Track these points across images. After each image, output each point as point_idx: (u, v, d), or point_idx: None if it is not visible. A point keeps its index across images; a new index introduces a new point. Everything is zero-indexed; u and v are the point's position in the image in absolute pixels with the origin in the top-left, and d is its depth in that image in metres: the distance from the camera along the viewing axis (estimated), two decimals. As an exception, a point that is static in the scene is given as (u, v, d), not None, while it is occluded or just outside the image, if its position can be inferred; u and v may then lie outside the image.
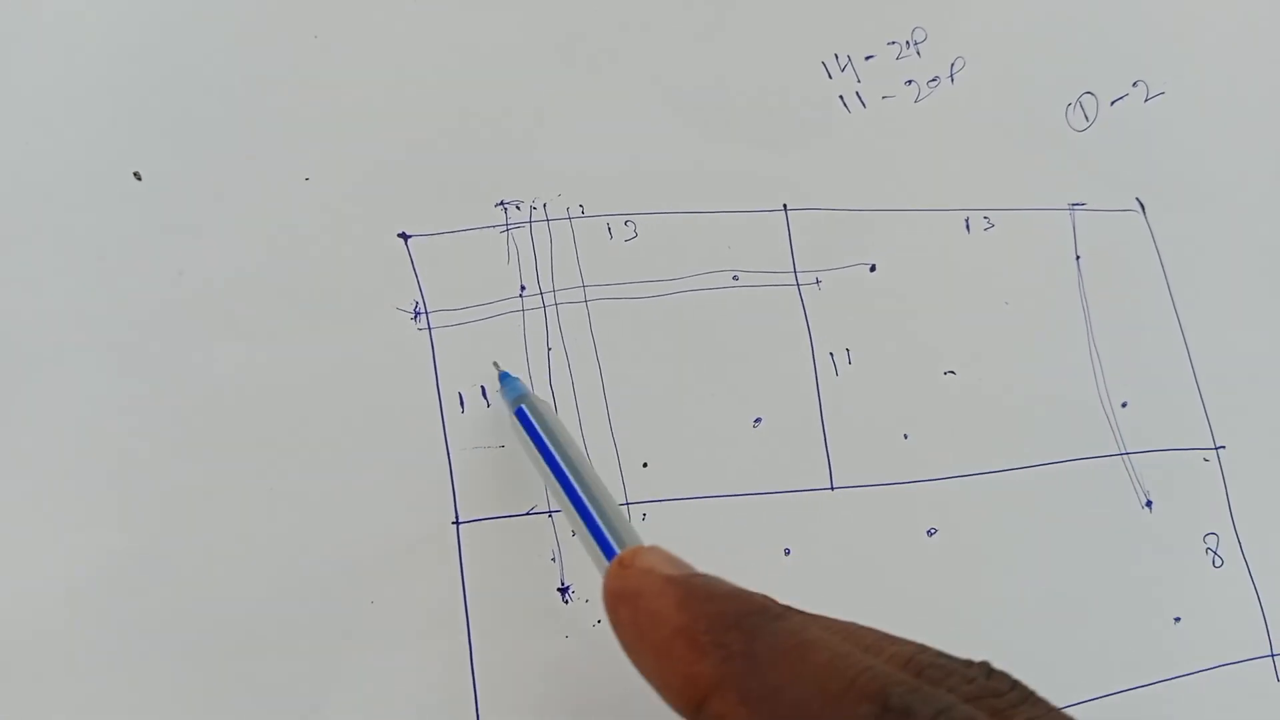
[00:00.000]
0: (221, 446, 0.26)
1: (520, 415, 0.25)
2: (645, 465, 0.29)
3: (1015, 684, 0.17)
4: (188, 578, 0.25)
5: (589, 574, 0.28)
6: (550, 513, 0.28)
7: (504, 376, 0.27)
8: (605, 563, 0.22)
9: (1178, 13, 0.38)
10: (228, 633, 0.25)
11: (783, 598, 0.29)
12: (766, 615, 0.18)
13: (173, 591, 0.25)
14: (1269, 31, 0.38)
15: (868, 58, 0.34)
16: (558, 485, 0.24)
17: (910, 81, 0.34)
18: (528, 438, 0.25)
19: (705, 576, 0.20)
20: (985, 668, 0.17)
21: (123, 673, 0.24)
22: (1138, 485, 0.33)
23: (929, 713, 0.16)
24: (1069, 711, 0.18)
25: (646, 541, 0.22)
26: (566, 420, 0.29)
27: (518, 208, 0.30)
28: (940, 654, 0.18)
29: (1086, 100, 0.36)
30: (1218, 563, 0.33)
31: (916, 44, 0.34)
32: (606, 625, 0.27)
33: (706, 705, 0.18)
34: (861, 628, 0.19)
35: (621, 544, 0.22)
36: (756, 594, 0.19)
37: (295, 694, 0.25)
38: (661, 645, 0.18)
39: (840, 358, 0.31)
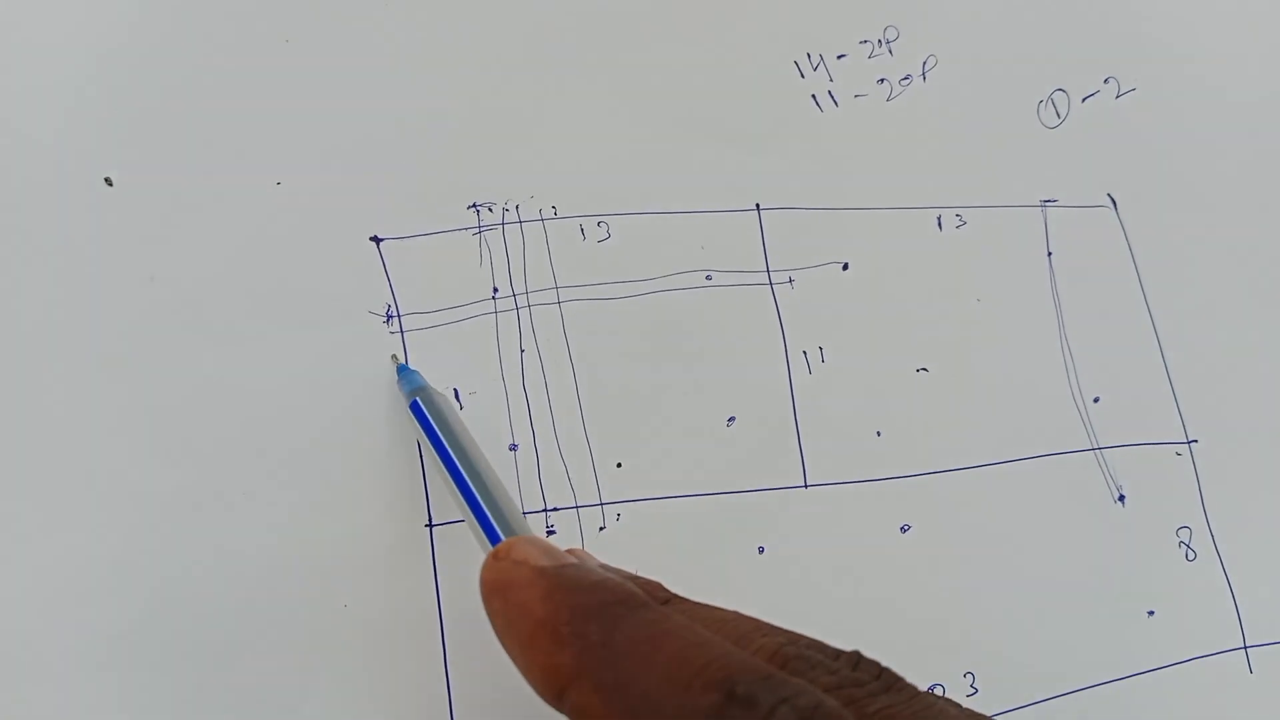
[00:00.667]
0: (194, 451, 0.26)
1: (414, 408, 0.25)
2: (619, 465, 0.29)
3: (882, 673, 0.17)
4: (161, 582, 0.25)
5: (563, 574, 0.28)
6: (524, 514, 0.28)
7: (402, 369, 0.27)
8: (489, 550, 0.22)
9: (1149, 10, 0.38)
10: (201, 637, 0.25)
11: (756, 595, 0.29)
12: (627, 605, 0.18)
13: (146, 596, 0.25)
14: (1239, 29, 0.39)
15: (840, 57, 0.34)
16: (447, 474, 0.24)
17: (882, 80, 0.34)
18: (420, 428, 0.25)
19: (576, 567, 0.20)
20: (854, 657, 0.18)
21: (97, 677, 0.24)
22: (1110, 480, 0.33)
23: (772, 701, 0.16)
24: (1047, 704, 0.18)
25: (534, 533, 0.22)
26: (539, 422, 0.29)
27: (490, 210, 0.30)
28: (812, 644, 0.18)
29: (1058, 97, 0.36)
30: (1190, 556, 0.34)
31: (888, 43, 0.35)
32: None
33: (565, 695, 0.18)
34: (742, 618, 0.19)
35: (508, 533, 0.22)
36: (625, 584, 0.19)
37: (270, 698, 0.25)
38: (526, 637, 0.19)
39: (813, 356, 0.31)
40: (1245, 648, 0.33)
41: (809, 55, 0.34)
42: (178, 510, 0.26)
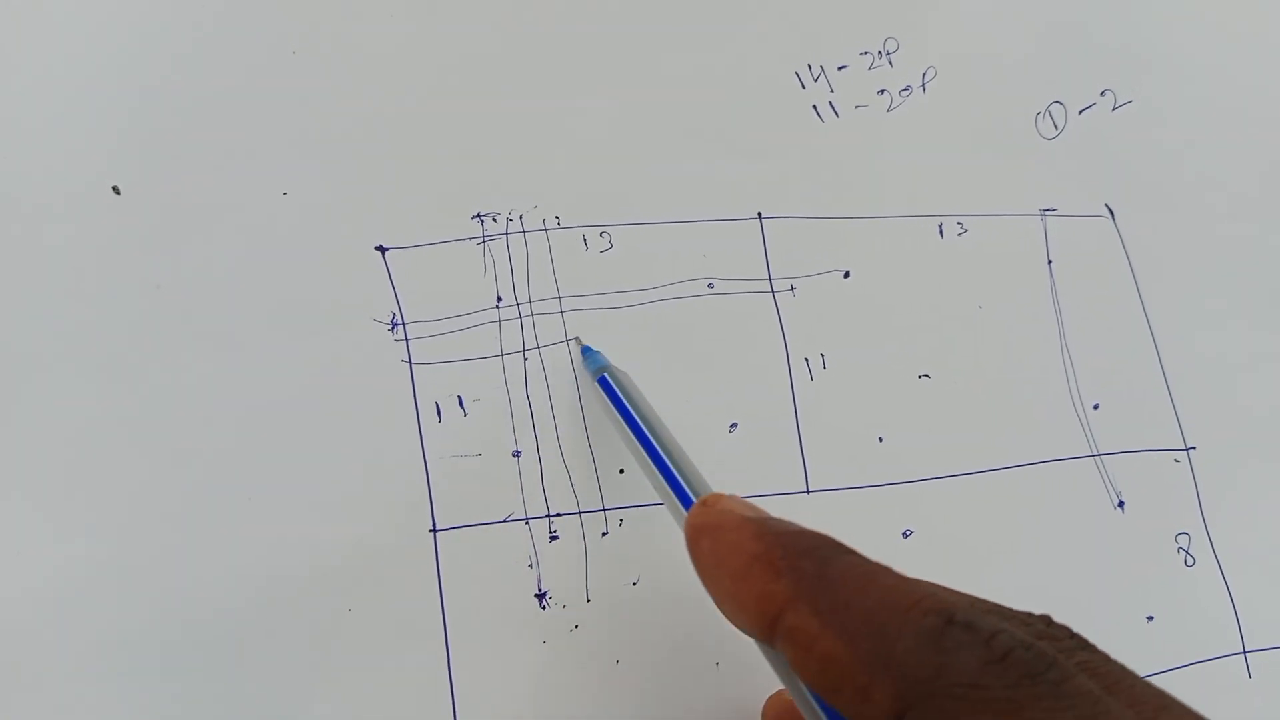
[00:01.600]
0: (199, 457, 0.26)
1: (603, 383, 0.27)
2: (621, 471, 0.29)
3: (1074, 634, 0.18)
4: (166, 587, 0.25)
5: (566, 580, 0.28)
6: (527, 519, 0.28)
7: (586, 350, 0.29)
8: (682, 510, 0.24)
9: (1144, 24, 0.38)
10: (206, 641, 0.25)
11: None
12: (835, 549, 0.20)
13: (151, 600, 0.25)
14: (1233, 42, 0.39)
15: (840, 68, 0.34)
16: (638, 444, 0.26)
17: (882, 91, 0.35)
18: (610, 403, 0.27)
19: (779, 519, 0.22)
20: (1046, 618, 0.18)
21: (101, 681, 0.25)
22: (1110, 486, 0.33)
23: (991, 628, 0.17)
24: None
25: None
26: (542, 429, 0.29)
27: (494, 219, 0.30)
28: (998, 604, 0.19)
29: (1055, 109, 0.36)
30: (1189, 562, 0.34)
31: (888, 54, 0.35)
32: (584, 630, 0.27)
33: (781, 619, 0.19)
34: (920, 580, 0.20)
35: (697, 493, 0.24)
36: (825, 534, 0.21)
37: (274, 702, 0.25)
38: (739, 570, 0.20)
39: (815, 363, 0.32)
40: (1244, 653, 0.34)
41: (810, 66, 0.34)
42: (183, 515, 0.26)
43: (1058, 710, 0.16)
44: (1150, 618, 0.33)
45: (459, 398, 0.28)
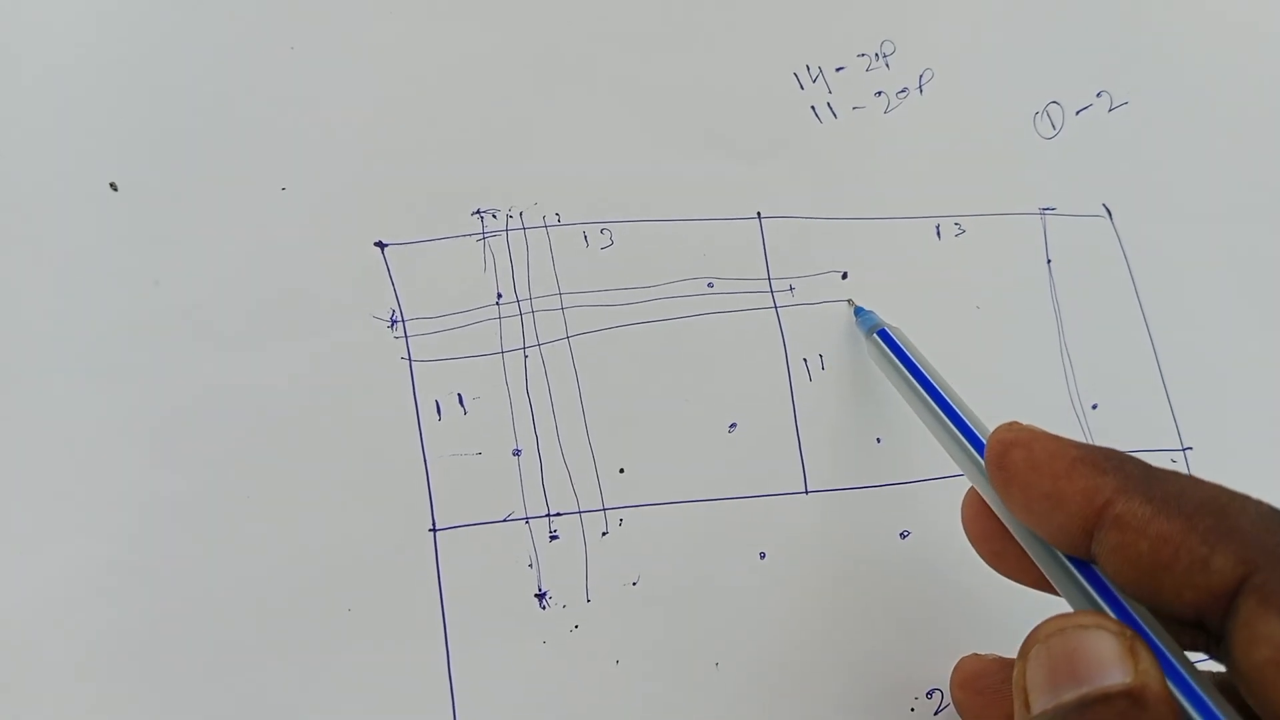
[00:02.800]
0: (199, 456, 0.26)
1: (883, 335, 0.29)
2: (621, 471, 0.29)
3: None
4: (164, 587, 0.25)
5: (566, 580, 0.28)
6: (527, 519, 0.28)
7: (859, 310, 0.31)
8: (970, 449, 0.25)
9: (1141, 25, 0.38)
10: (205, 640, 0.25)
11: (759, 600, 0.29)
12: (1150, 464, 0.21)
13: (150, 600, 0.25)
14: (1229, 43, 0.39)
15: (838, 69, 0.34)
16: (922, 391, 0.27)
17: (880, 92, 0.35)
18: (892, 355, 0.29)
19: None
20: None
21: (100, 681, 0.24)
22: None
23: None
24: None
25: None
26: (543, 428, 0.29)
27: (494, 216, 0.30)
28: None
29: (1053, 110, 0.36)
30: (1186, 562, 0.34)
31: (885, 56, 0.35)
32: (584, 630, 0.27)
33: (1110, 506, 0.20)
34: None
35: (981, 430, 0.25)
36: None
37: (273, 700, 0.25)
38: (1062, 469, 0.21)
39: (814, 363, 0.32)
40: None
41: (808, 68, 0.34)
42: (182, 514, 0.26)
43: None
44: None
45: (459, 395, 0.28)
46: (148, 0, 0.29)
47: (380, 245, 0.29)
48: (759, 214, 0.32)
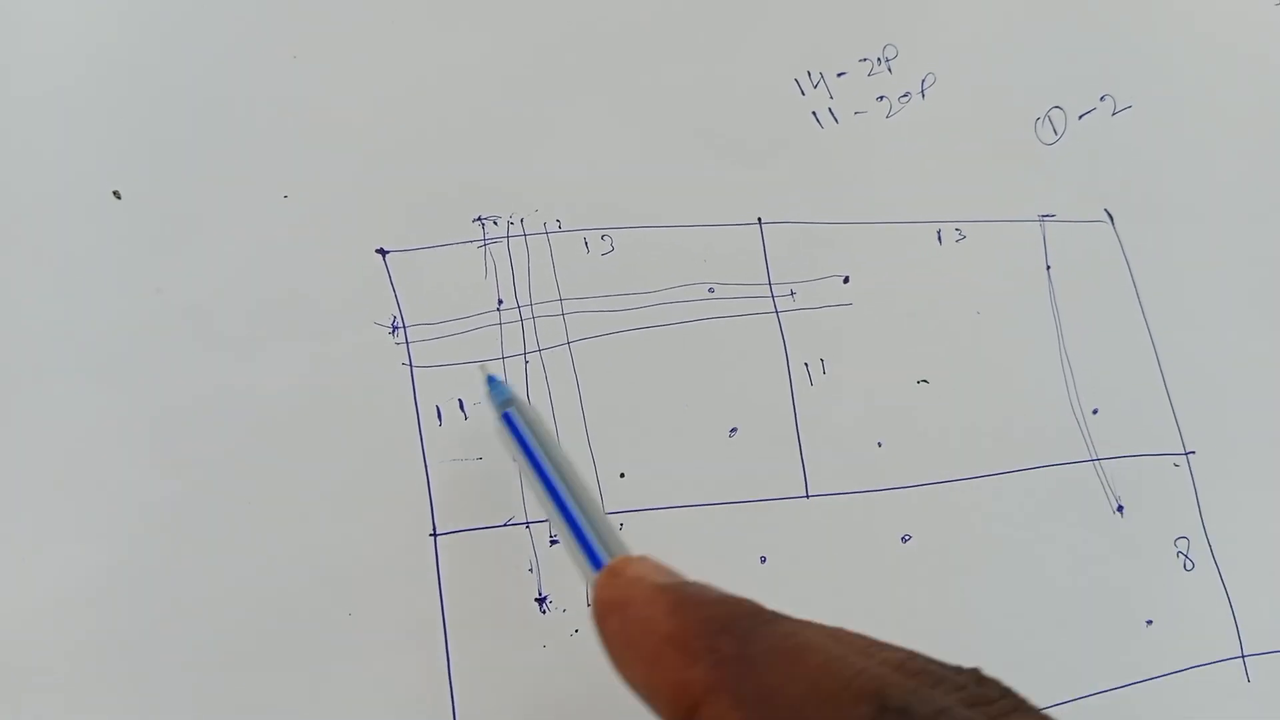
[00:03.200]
0: (200, 462, 0.26)
1: (507, 419, 0.25)
2: (622, 475, 0.29)
3: (1006, 691, 0.17)
4: (165, 591, 0.25)
5: (567, 584, 0.28)
6: (528, 524, 0.28)
7: (491, 380, 0.27)
8: (591, 572, 0.21)
9: (1144, 28, 0.38)
10: (206, 646, 0.25)
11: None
12: (758, 619, 0.18)
13: (151, 605, 0.25)
14: (1232, 46, 0.39)
15: (840, 74, 0.34)
16: (544, 493, 0.23)
17: (882, 97, 0.35)
18: (514, 443, 0.24)
19: (696, 584, 0.20)
20: (975, 674, 0.17)
21: (101, 684, 0.25)
22: (1109, 490, 0.34)
23: (928, 712, 0.15)
24: (1049, 712, 0.18)
25: (634, 551, 0.22)
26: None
27: (495, 223, 0.30)
28: (930, 660, 0.17)
29: (1055, 114, 0.36)
30: (1188, 566, 0.34)
31: (888, 61, 0.35)
32: (584, 635, 0.27)
33: (699, 711, 0.17)
34: (850, 633, 0.18)
35: (610, 554, 0.21)
36: (746, 599, 0.19)
37: (274, 706, 0.25)
38: (651, 653, 0.18)
39: (815, 368, 0.32)
40: (1243, 657, 0.34)
41: (810, 73, 0.34)
42: (183, 519, 0.26)
43: None
44: (1149, 622, 0.33)
45: (460, 401, 0.28)
46: (150, 8, 0.29)
47: (382, 252, 0.29)
48: (760, 219, 0.32)
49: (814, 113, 0.34)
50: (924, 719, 0.15)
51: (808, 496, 0.31)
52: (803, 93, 0.34)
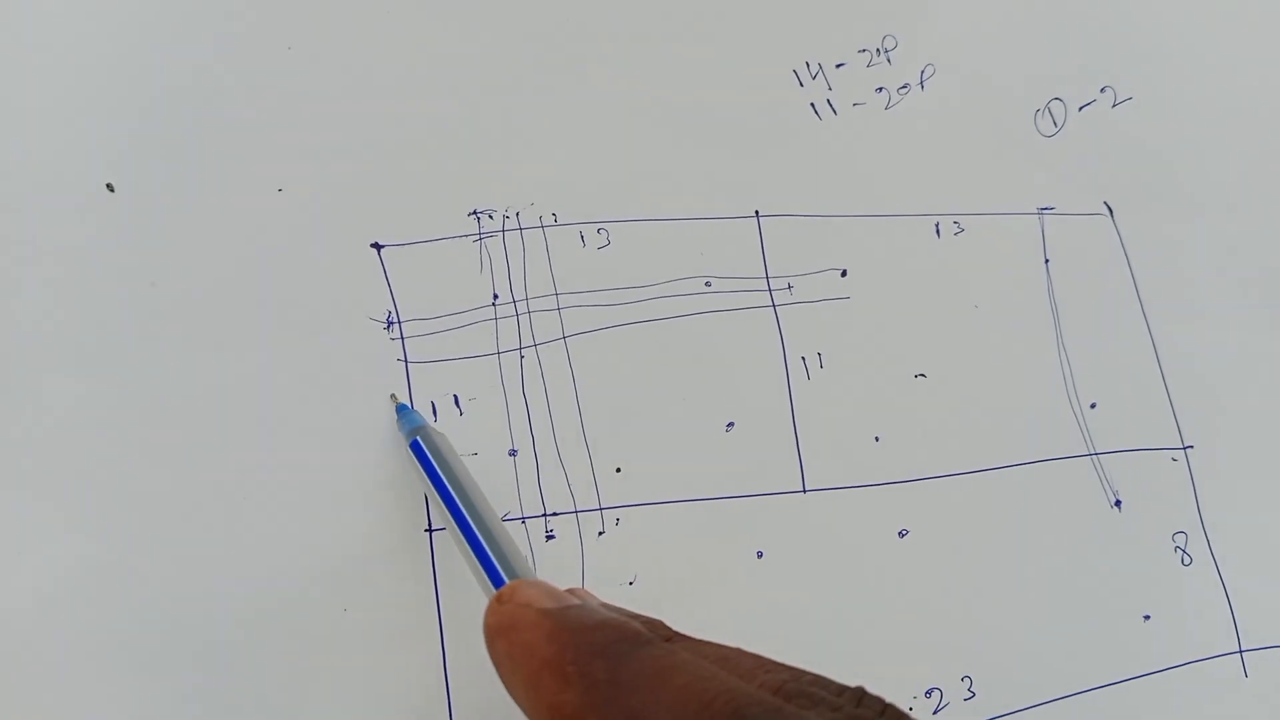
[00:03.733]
0: (195, 457, 0.26)
1: (415, 447, 0.25)
2: (619, 470, 0.29)
3: (885, 709, 0.17)
4: (161, 587, 0.25)
5: (563, 580, 0.28)
6: (523, 519, 0.28)
7: (401, 408, 0.27)
8: (493, 592, 0.22)
9: (1144, 20, 0.38)
10: (201, 642, 0.25)
11: (755, 600, 0.29)
12: (634, 643, 0.19)
13: (146, 600, 0.25)
14: (1234, 38, 0.39)
15: (838, 65, 0.34)
16: (449, 515, 0.24)
17: (881, 89, 0.35)
18: (421, 469, 0.25)
19: (579, 607, 0.20)
20: (858, 694, 0.17)
21: (96, 681, 0.25)
22: (1107, 485, 0.33)
23: None
24: (1044, 708, 0.18)
25: (535, 574, 0.22)
26: (539, 428, 0.29)
27: (490, 217, 0.30)
28: (815, 680, 0.18)
29: (1055, 106, 0.36)
30: (1186, 561, 0.34)
31: (887, 52, 0.35)
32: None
33: None
34: (744, 654, 0.19)
35: (511, 575, 0.22)
36: (629, 622, 0.20)
37: (269, 702, 0.25)
38: (531, 677, 0.19)
39: (812, 361, 0.32)
40: (1241, 652, 0.34)
41: (808, 64, 0.34)
42: (178, 515, 0.26)
43: None
44: (1147, 617, 0.33)
45: (455, 396, 0.28)
46: (144, 1, 0.28)
47: (376, 246, 0.29)
48: (757, 212, 0.32)
49: (812, 104, 0.34)
50: None
51: (804, 491, 0.31)
52: (801, 84, 0.34)
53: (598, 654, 0.18)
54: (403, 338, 0.28)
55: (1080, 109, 0.36)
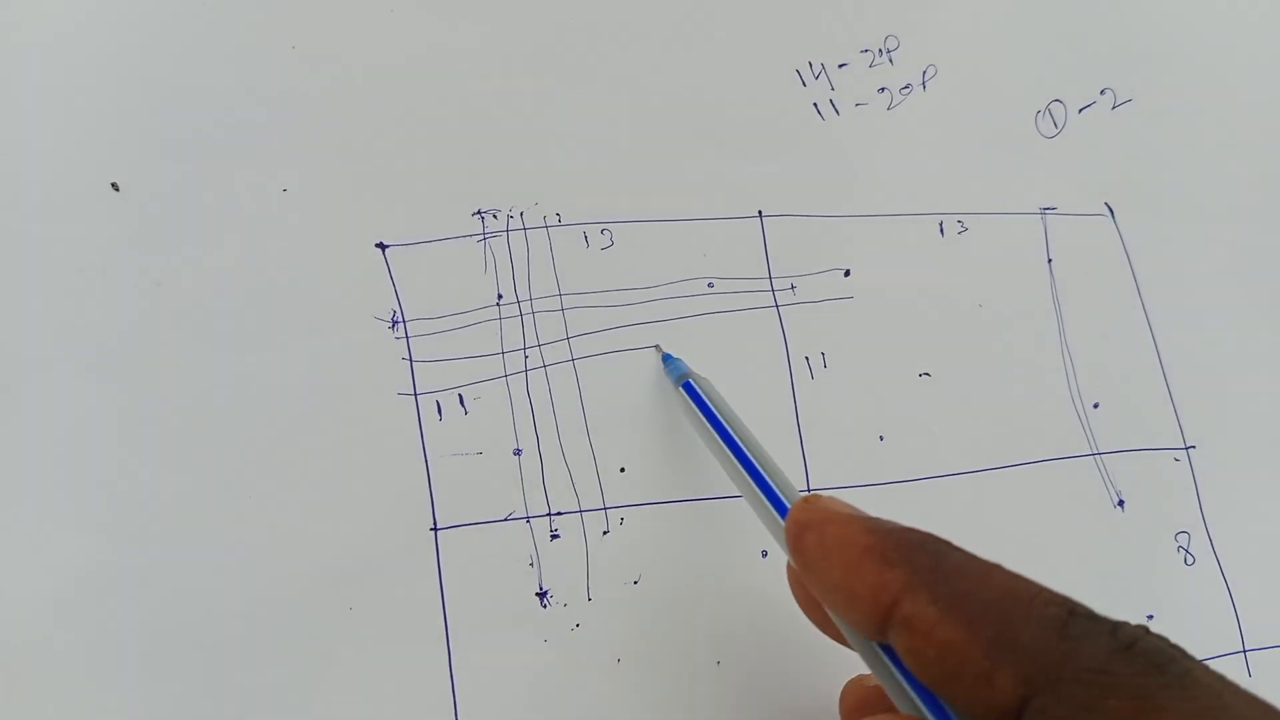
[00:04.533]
0: (200, 456, 0.26)
1: (687, 388, 0.28)
2: (623, 470, 0.29)
3: (1173, 644, 0.18)
4: (167, 586, 0.25)
5: (567, 579, 0.28)
6: (528, 518, 0.28)
7: (667, 358, 0.29)
8: (774, 513, 0.24)
9: (1144, 22, 0.38)
10: (207, 641, 0.25)
11: (762, 599, 0.29)
12: (948, 545, 0.20)
13: (152, 600, 0.25)
14: (1233, 40, 0.39)
15: (841, 66, 0.34)
16: (727, 450, 0.25)
17: (883, 89, 0.35)
18: (695, 408, 0.27)
19: (881, 518, 0.22)
20: (1144, 628, 0.19)
21: (100, 680, 0.25)
22: (1110, 485, 0.33)
23: (1111, 623, 0.18)
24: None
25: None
26: (543, 427, 0.29)
27: (494, 216, 0.30)
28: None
29: (1055, 108, 0.36)
30: (1189, 560, 0.34)
31: (889, 52, 0.35)
32: (585, 629, 0.27)
33: (898, 607, 0.19)
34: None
35: (789, 496, 0.24)
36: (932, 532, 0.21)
37: (275, 701, 0.25)
38: (851, 562, 0.20)
39: (815, 361, 0.32)
40: (1244, 651, 0.34)
41: (810, 64, 0.34)
42: (183, 513, 0.26)
43: (1184, 699, 0.17)
44: (1150, 616, 0.33)
45: (460, 395, 0.28)
46: (148, 1, 0.29)
47: (381, 246, 0.29)
48: (760, 212, 0.32)
49: (815, 104, 0.34)
50: (1111, 623, 0.18)
51: (809, 490, 0.31)
52: (803, 84, 0.34)
53: (917, 547, 0.20)
54: (407, 337, 0.28)
55: (1080, 110, 0.36)
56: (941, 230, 0.34)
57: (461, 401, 0.28)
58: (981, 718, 0.18)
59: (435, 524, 0.27)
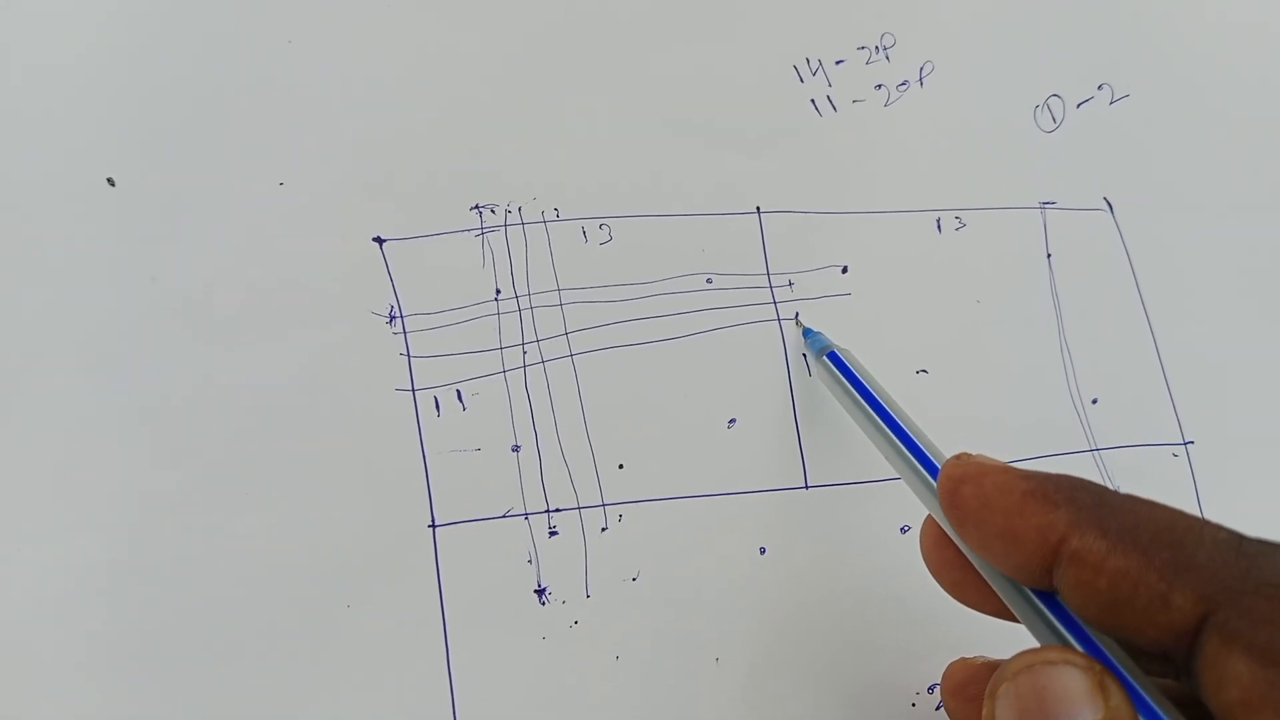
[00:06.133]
0: (197, 452, 0.26)
1: (833, 358, 0.29)
2: (621, 467, 0.29)
3: None
4: (164, 583, 0.25)
5: (565, 575, 0.28)
6: (526, 515, 0.28)
7: (808, 332, 0.31)
8: (924, 474, 0.25)
9: (1141, 17, 0.38)
10: (204, 638, 0.25)
11: (759, 595, 0.29)
12: (1104, 488, 0.21)
13: (149, 596, 0.25)
14: (1231, 35, 0.39)
15: (838, 62, 0.34)
16: (875, 416, 0.27)
17: (880, 85, 0.35)
18: (841, 376, 0.28)
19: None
20: None
21: (98, 679, 0.24)
22: (1108, 480, 0.33)
23: None
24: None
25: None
26: (542, 424, 0.29)
27: (492, 211, 0.30)
28: None
29: (1053, 103, 0.36)
30: (1187, 556, 0.34)
31: (886, 49, 0.35)
32: (583, 626, 0.27)
33: (1065, 543, 0.20)
34: None
35: (938, 457, 0.25)
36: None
37: (272, 698, 0.25)
38: (1013, 506, 0.21)
39: (813, 358, 0.32)
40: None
41: (808, 61, 0.34)
42: (180, 510, 0.26)
43: None
44: (1148, 612, 0.33)
45: (458, 391, 0.28)
46: (144, -5, 0.28)
47: (379, 240, 0.28)
48: (758, 208, 0.32)
49: (812, 100, 0.34)
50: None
51: (807, 487, 0.30)
52: (801, 80, 0.34)
53: (1079, 487, 0.20)
54: (405, 332, 0.28)
55: (1078, 105, 0.36)
56: (939, 226, 0.34)
57: (459, 397, 0.28)
58: (1153, 643, 0.19)
59: (433, 521, 0.27)
